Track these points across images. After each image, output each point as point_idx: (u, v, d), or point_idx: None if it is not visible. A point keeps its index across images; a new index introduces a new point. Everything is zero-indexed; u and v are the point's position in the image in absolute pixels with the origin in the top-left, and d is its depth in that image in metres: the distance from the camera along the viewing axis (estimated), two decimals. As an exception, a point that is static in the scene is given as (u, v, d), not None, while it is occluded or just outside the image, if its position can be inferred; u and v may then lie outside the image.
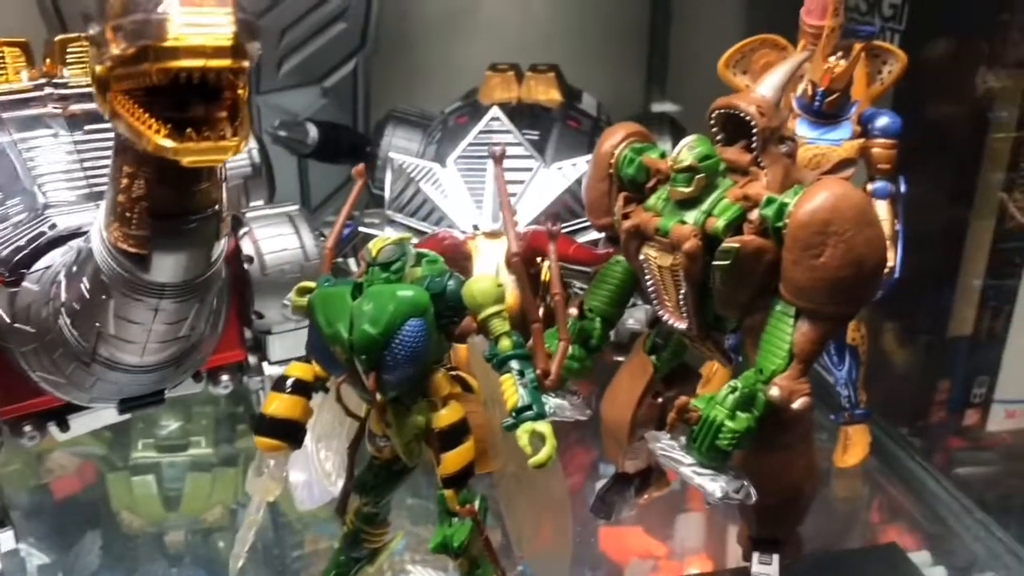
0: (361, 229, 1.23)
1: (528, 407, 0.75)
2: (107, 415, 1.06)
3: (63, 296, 0.83)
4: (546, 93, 1.41)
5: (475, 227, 1.19)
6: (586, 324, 0.96)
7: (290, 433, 0.83)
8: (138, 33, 0.58)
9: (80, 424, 1.05)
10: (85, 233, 0.92)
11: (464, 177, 1.22)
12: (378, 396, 0.78)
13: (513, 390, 0.76)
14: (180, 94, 0.61)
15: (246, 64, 0.60)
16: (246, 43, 0.59)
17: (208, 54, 0.57)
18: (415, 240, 1.18)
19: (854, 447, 1.21)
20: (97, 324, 0.80)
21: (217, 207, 0.73)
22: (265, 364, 1.14)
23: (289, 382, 0.83)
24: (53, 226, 0.93)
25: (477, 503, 0.82)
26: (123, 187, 0.70)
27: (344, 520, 0.95)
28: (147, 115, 0.61)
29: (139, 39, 0.58)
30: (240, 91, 0.62)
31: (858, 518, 1.30)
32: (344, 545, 0.96)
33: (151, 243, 0.72)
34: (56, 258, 0.90)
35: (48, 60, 1.14)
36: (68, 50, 1.12)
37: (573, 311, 0.96)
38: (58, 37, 1.13)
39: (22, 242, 0.92)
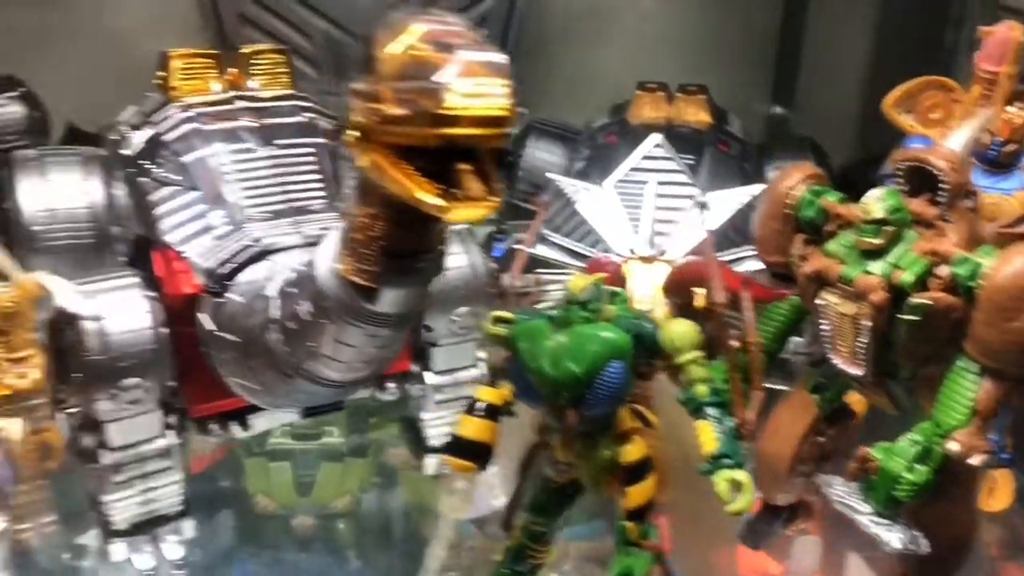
0: (515, 246, 1.26)
1: (726, 455, 0.78)
2: (285, 415, 1.12)
3: (275, 313, 0.87)
4: (696, 115, 1.43)
5: (631, 251, 1.21)
6: (743, 358, 0.98)
7: (480, 455, 0.87)
8: (416, 98, 0.61)
9: (259, 423, 1.10)
10: (284, 250, 0.98)
11: (623, 201, 1.24)
12: (572, 430, 0.82)
13: (711, 437, 0.79)
14: (438, 152, 0.65)
15: (514, 131, 0.63)
16: (516, 108, 0.62)
17: (486, 123, 0.61)
18: (576, 263, 1.22)
19: (1000, 491, 1.22)
20: (311, 344, 0.84)
21: (442, 246, 0.77)
22: (427, 374, 1.18)
23: (481, 406, 0.87)
24: (256, 240, 0.98)
25: (651, 534, 0.85)
26: (361, 226, 0.74)
27: (509, 535, 0.99)
28: (415, 172, 0.64)
29: (417, 104, 0.61)
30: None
31: (1004, 563, 1.30)
32: (508, 559, 1.00)
33: (382, 279, 0.76)
34: (259, 273, 0.95)
35: (232, 70, 1.19)
36: (252, 62, 1.18)
37: (734, 344, 0.98)
38: (244, 48, 1.18)
39: (226, 255, 0.97)
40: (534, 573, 1.01)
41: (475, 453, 0.86)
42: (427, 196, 0.64)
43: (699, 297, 1.12)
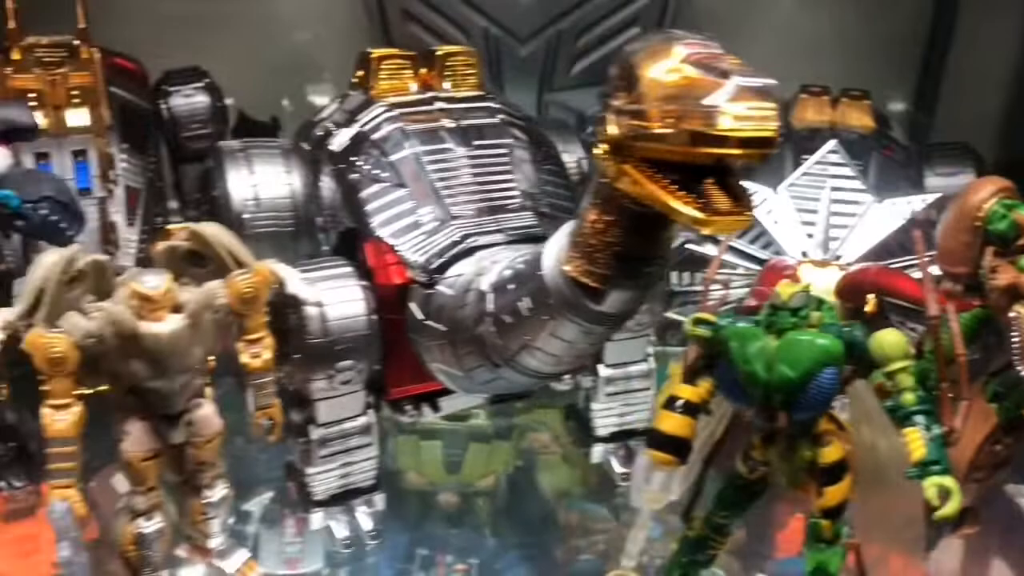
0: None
1: (935, 462, 0.81)
2: (471, 399, 1.18)
3: (491, 307, 0.93)
4: (860, 119, 1.44)
5: (804, 254, 1.24)
6: (924, 365, 1.00)
7: (679, 449, 0.91)
8: (686, 119, 0.65)
9: (448, 405, 1.17)
10: (490, 247, 1.03)
11: (796, 205, 1.27)
12: (782, 432, 0.86)
13: (919, 443, 0.82)
14: (692, 167, 0.69)
15: (776, 150, 0.67)
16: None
17: (755, 144, 0.64)
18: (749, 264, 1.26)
19: None
20: (527, 337, 0.90)
21: (668, 253, 0.82)
22: (600, 366, 1.23)
23: (680, 403, 0.91)
24: (464, 238, 1.04)
25: (843, 532, 0.89)
26: (596, 231, 0.78)
27: (690, 525, 1.03)
28: (672, 186, 0.68)
29: (686, 124, 0.66)
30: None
31: None
32: (687, 548, 1.04)
33: (611, 281, 0.80)
34: (467, 268, 1.01)
35: (426, 71, 1.25)
36: (445, 63, 1.24)
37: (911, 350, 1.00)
38: (442, 49, 1.24)
39: (436, 250, 1.03)
40: (711, 562, 1.06)
41: (675, 447, 0.91)
42: (687, 209, 0.68)
43: (871, 302, 1.15)
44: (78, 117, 1.31)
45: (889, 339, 0.84)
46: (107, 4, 1.64)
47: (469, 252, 1.02)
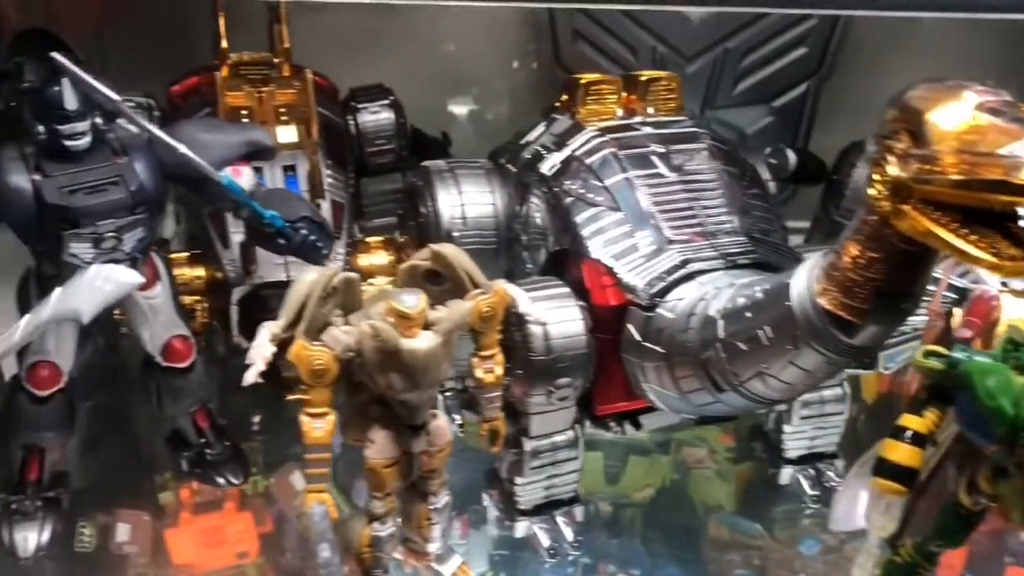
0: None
1: None
2: (672, 417, 1.21)
3: (721, 333, 0.96)
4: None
5: (1003, 284, 1.23)
6: None
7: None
8: (983, 167, 0.67)
9: (650, 422, 1.20)
10: (709, 272, 1.06)
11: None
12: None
13: None
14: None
15: None
16: None
17: None
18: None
19: None
20: (763, 365, 0.92)
21: (925, 288, 0.83)
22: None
23: (909, 433, 0.93)
24: (685, 262, 1.07)
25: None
26: (859, 266, 0.80)
27: (897, 552, 1.04)
28: (961, 228, 0.70)
29: (982, 172, 0.67)
30: None
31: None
32: (892, 573, 1.05)
33: (868, 316, 0.82)
34: (688, 292, 1.04)
35: (626, 94, 1.29)
36: (649, 88, 1.27)
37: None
38: (645, 75, 1.28)
39: (656, 274, 1.07)
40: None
41: (903, 477, 0.92)
42: (979, 252, 0.70)
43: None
44: (287, 133, 1.39)
45: None
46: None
47: (690, 276, 1.05)
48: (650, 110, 1.25)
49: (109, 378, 1.60)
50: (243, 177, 1.09)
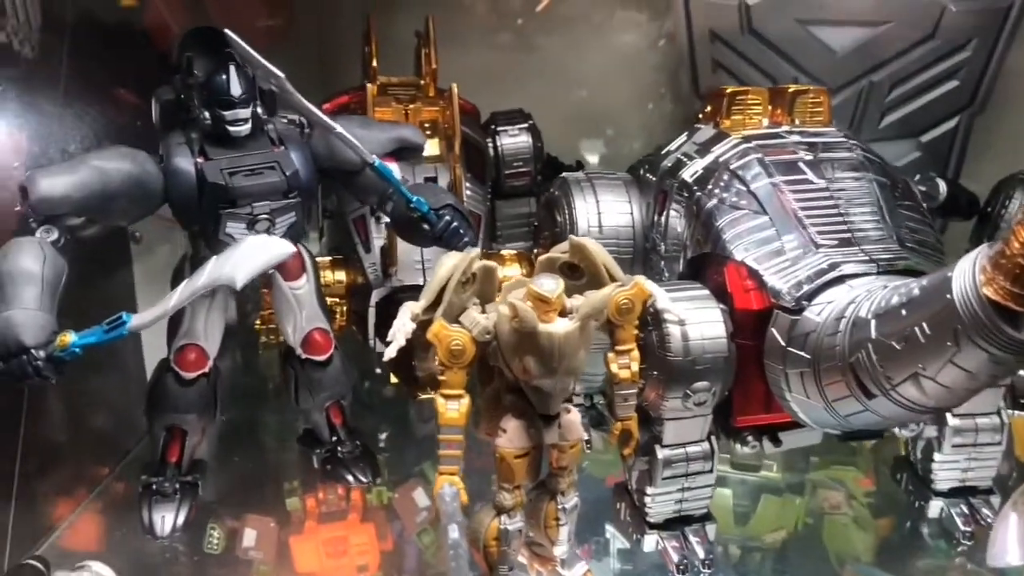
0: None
1: None
2: (810, 436, 1.16)
3: (873, 334, 0.91)
4: None
5: None
6: None
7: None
8: None
9: (789, 440, 1.15)
10: (860, 276, 1.02)
11: None
12: None
13: None
14: None
15: None
16: None
17: None
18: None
19: None
20: (919, 365, 0.87)
21: None
22: (948, 415, 1.18)
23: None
24: (833, 265, 1.03)
25: None
26: None
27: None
28: None
29: None
30: None
31: None
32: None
33: None
34: (838, 295, 0.99)
35: (772, 108, 1.27)
36: (796, 100, 1.25)
37: None
38: (791, 88, 1.26)
39: (803, 276, 1.03)
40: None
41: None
42: None
43: None
44: (430, 147, 1.43)
45: None
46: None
47: (839, 280, 1.01)
48: (796, 122, 1.23)
49: (246, 392, 1.67)
50: (392, 171, 1.13)
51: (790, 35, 1.73)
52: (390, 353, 0.92)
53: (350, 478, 1.30)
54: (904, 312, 0.89)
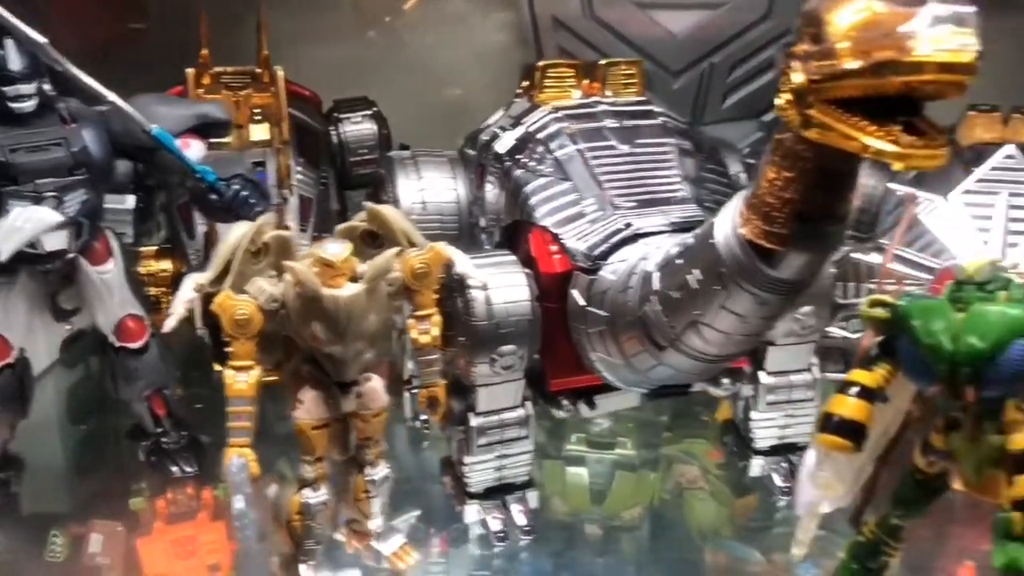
0: (852, 255, 1.26)
1: None
2: (626, 400, 1.17)
3: (656, 286, 0.93)
4: (1035, 135, 1.39)
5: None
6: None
7: (855, 434, 0.87)
8: (879, 49, 0.65)
9: (604, 404, 1.16)
10: (656, 233, 1.04)
11: (971, 212, 1.22)
12: (971, 411, 0.81)
13: None
14: (876, 104, 0.68)
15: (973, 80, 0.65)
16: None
17: (953, 70, 0.63)
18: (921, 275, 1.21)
19: None
20: (696, 312, 0.89)
21: (848, 215, 0.80)
22: (761, 373, 1.21)
23: (855, 388, 0.88)
24: (628, 225, 1.04)
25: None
26: (775, 188, 0.78)
27: (860, 530, 0.98)
28: (862, 122, 0.68)
29: (879, 55, 0.65)
30: None
31: None
32: (857, 555, 0.99)
33: (789, 242, 0.79)
34: (631, 254, 1.01)
35: (588, 81, 1.29)
36: (608, 73, 1.27)
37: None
38: (602, 61, 1.28)
39: (599, 237, 1.05)
40: (883, 571, 1.00)
41: (849, 431, 0.87)
42: (881, 144, 0.66)
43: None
44: (259, 132, 1.41)
45: (1093, 314, 0.79)
46: (287, 50, 1.79)
47: (633, 239, 1.03)
48: (609, 94, 1.25)
49: (101, 403, 1.62)
50: (192, 149, 1.11)
51: (631, 20, 1.76)
52: (169, 325, 0.90)
53: (174, 469, 1.27)
54: (680, 261, 0.91)
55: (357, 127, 1.61)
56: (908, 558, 1.00)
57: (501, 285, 1.05)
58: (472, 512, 1.15)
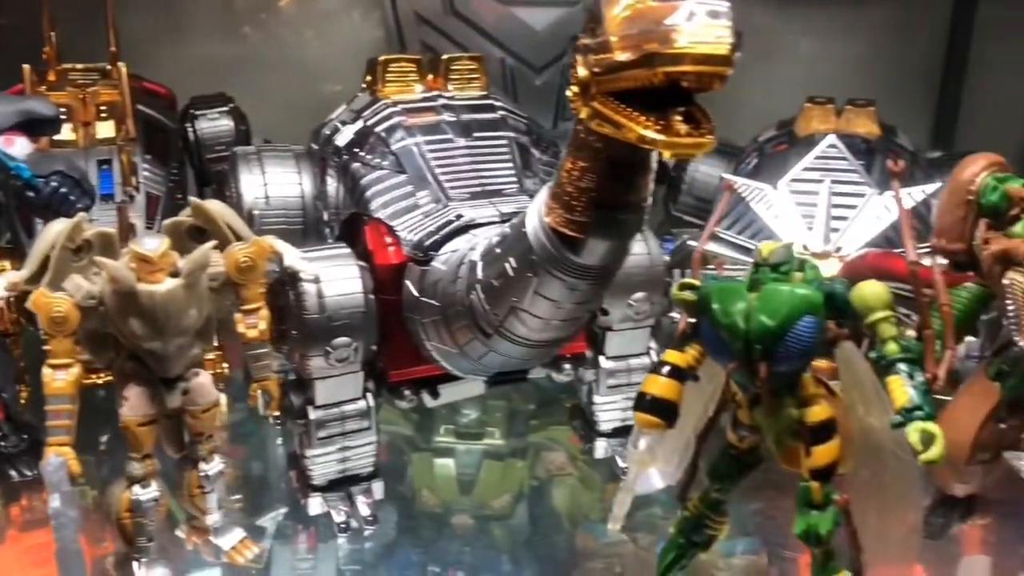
0: (689, 242, 1.31)
1: (919, 407, 0.80)
2: (470, 388, 1.19)
3: (480, 275, 0.95)
4: (865, 126, 1.46)
5: (804, 247, 1.24)
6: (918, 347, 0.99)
7: (667, 412, 0.90)
8: (646, 42, 0.68)
9: (448, 394, 1.18)
10: (486, 224, 1.06)
11: (796, 199, 1.28)
12: (765, 386, 0.85)
13: (902, 391, 0.81)
14: (651, 96, 0.71)
15: (732, 71, 0.69)
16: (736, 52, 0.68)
17: (709, 62, 0.67)
18: (744, 258, 1.26)
19: None
20: (514, 299, 0.91)
21: (645, 203, 0.83)
22: (602, 359, 1.24)
23: (666, 368, 0.92)
24: (459, 216, 1.06)
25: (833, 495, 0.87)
26: (573, 178, 0.80)
27: (686, 505, 1.02)
28: (634, 112, 0.71)
29: (646, 48, 0.68)
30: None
31: None
32: (684, 529, 1.02)
33: (589, 229, 0.82)
34: (462, 244, 1.03)
35: (432, 75, 1.30)
36: (451, 68, 1.29)
37: (911, 333, 0.99)
38: (445, 56, 1.30)
39: (432, 228, 1.06)
40: (709, 544, 1.04)
41: (661, 410, 0.90)
42: (647, 131, 0.70)
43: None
44: (104, 129, 1.39)
45: (870, 290, 0.84)
46: (152, 49, 1.76)
47: (464, 229, 1.05)
48: (452, 89, 1.27)
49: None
50: (16, 145, 1.08)
51: (492, 15, 1.78)
52: None
53: (13, 473, 1.24)
54: (499, 250, 0.93)
55: (213, 123, 1.59)
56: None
57: (334, 278, 1.06)
58: (316, 504, 1.16)
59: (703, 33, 0.66)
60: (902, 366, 0.82)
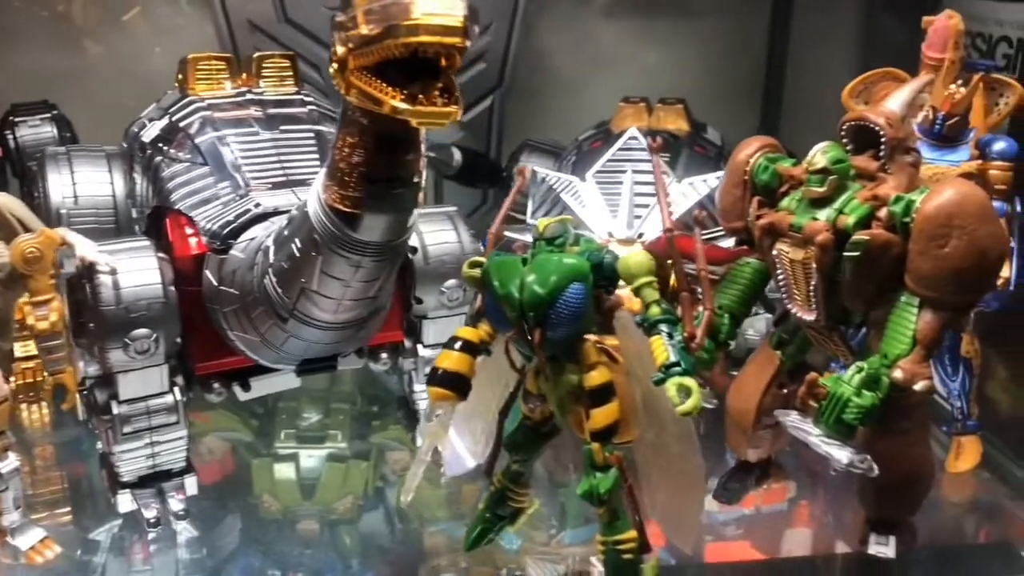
0: (508, 233, 1.34)
1: (676, 364, 0.85)
2: (284, 381, 1.19)
3: (271, 259, 0.96)
4: (675, 123, 1.54)
5: (610, 234, 1.30)
6: (715, 320, 1.05)
7: (458, 385, 0.93)
8: (385, 15, 0.71)
9: (260, 387, 1.18)
10: (284, 212, 1.07)
11: (601, 189, 1.34)
12: (541, 352, 0.89)
13: (662, 349, 0.86)
14: (405, 71, 0.74)
15: (469, 43, 0.73)
16: (471, 25, 0.72)
17: (443, 32, 0.70)
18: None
19: (966, 454, 1.26)
20: (303, 280, 0.93)
21: (418, 179, 0.86)
22: (419, 347, 1.26)
23: (458, 343, 0.95)
24: (257, 205, 1.07)
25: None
26: (344, 155, 0.83)
27: (492, 481, 1.05)
28: (384, 84, 0.74)
29: (387, 21, 0.71)
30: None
31: (969, 520, 1.34)
32: (490, 504, 1.05)
33: (363, 204, 0.85)
34: (259, 232, 1.04)
35: (245, 74, 1.31)
36: (264, 66, 1.30)
37: (700, 309, 1.05)
38: (256, 55, 1.31)
39: (230, 217, 1.07)
40: (515, 518, 1.07)
41: (452, 383, 0.93)
42: (393, 101, 0.73)
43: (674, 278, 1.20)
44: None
45: (634, 259, 0.89)
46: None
47: (263, 217, 1.06)
48: (264, 85, 1.28)
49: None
50: None
51: (325, 22, 1.78)
52: None
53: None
54: (286, 233, 0.95)
55: (35, 130, 1.56)
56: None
57: (131, 269, 1.05)
58: (125, 501, 1.14)
59: (437, 5, 0.70)
60: (663, 327, 0.87)
